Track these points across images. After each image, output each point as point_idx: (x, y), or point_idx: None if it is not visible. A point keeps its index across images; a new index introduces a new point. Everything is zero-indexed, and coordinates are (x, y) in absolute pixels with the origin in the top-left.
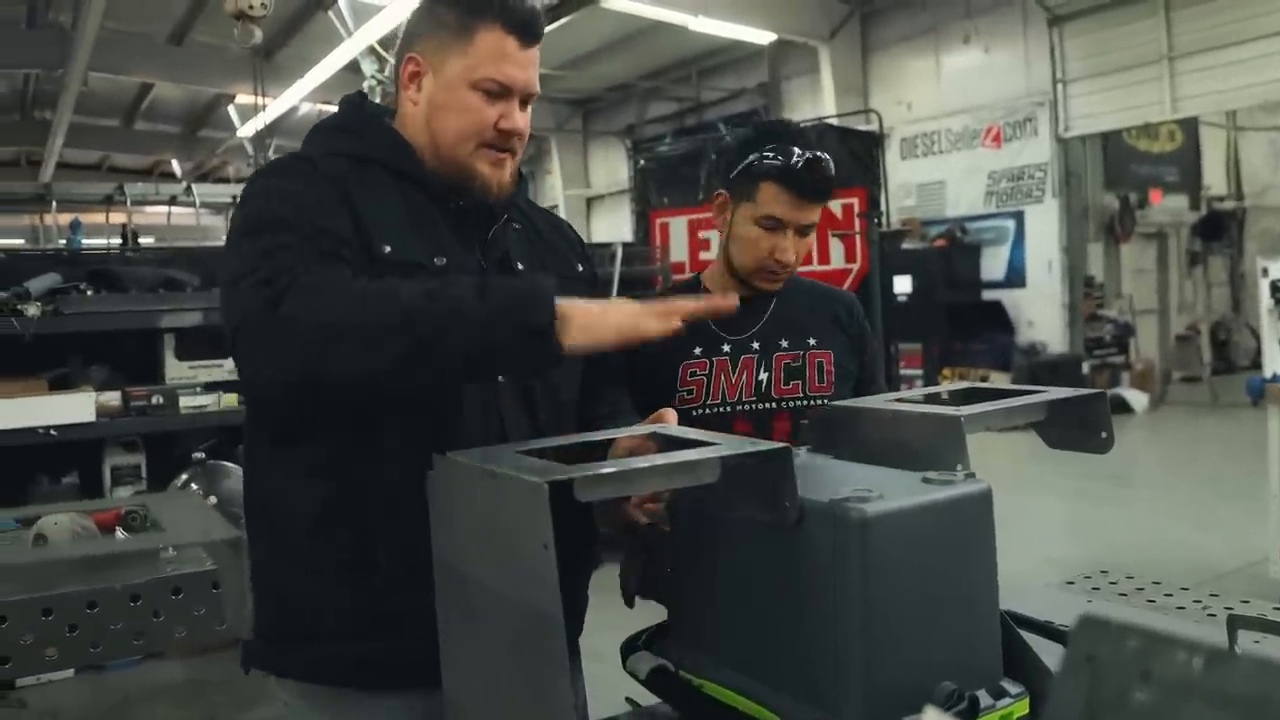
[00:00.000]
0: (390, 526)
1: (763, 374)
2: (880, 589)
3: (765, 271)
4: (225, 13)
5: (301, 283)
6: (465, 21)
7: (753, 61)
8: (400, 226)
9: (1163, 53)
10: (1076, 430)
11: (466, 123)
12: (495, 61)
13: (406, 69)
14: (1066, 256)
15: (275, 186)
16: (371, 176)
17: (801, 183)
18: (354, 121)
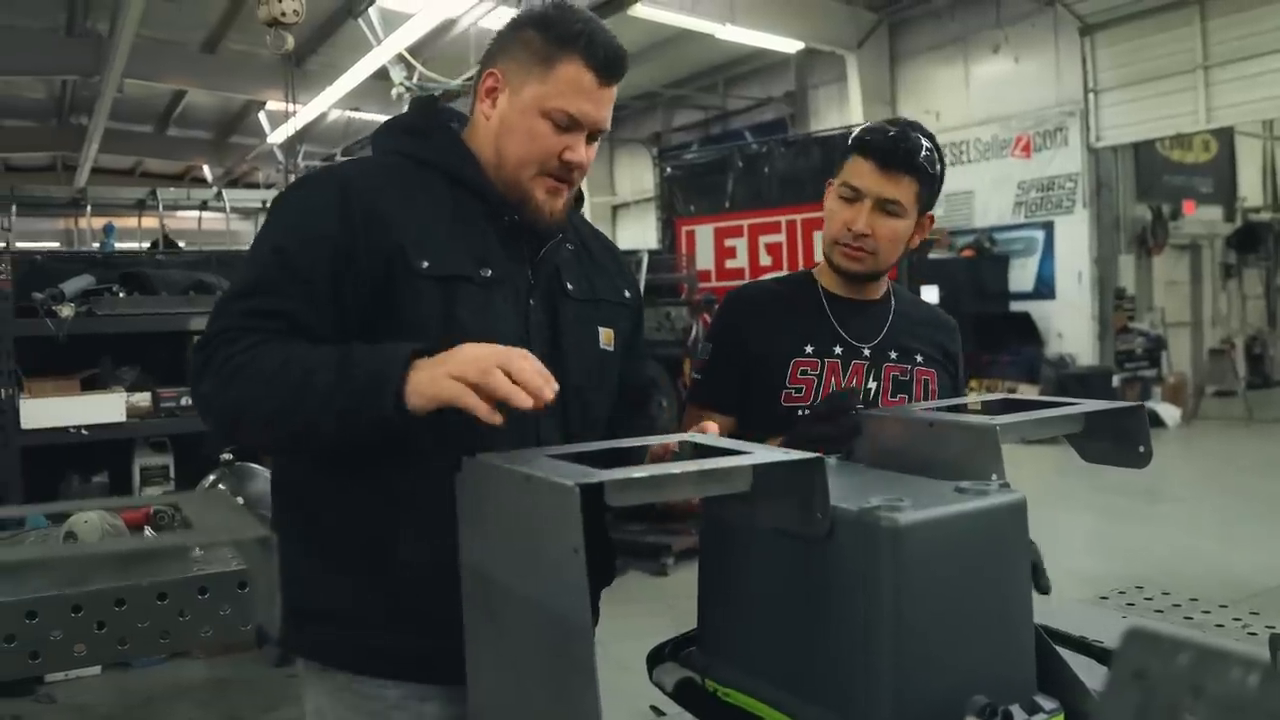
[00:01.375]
0: (417, 527)
1: (871, 383)
2: (912, 600)
3: (841, 246)
4: (258, 20)
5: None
6: (550, 50)
7: (779, 70)
8: (444, 237)
9: (1197, 62)
10: (1113, 444)
11: (531, 149)
12: (571, 95)
13: (485, 83)
14: (1097, 268)
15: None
16: (425, 179)
17: (880, 151)
18: (422, 124)
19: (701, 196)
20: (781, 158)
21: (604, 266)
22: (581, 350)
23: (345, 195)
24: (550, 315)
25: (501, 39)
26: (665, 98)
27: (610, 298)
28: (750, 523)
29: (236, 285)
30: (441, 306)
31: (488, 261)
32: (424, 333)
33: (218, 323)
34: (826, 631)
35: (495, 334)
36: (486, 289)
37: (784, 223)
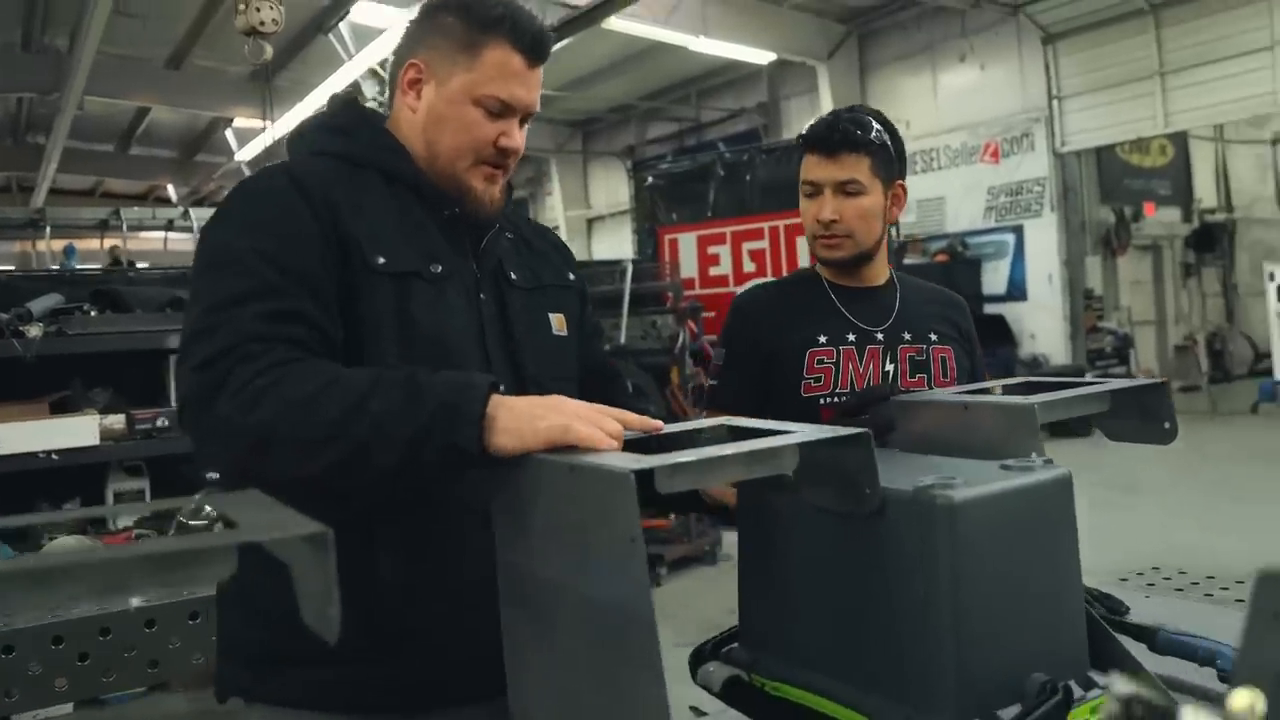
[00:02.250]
0: (395, 544)
1: (889, 365)
2: (969, 578)
3: (819, 240)
4: (236, 28)
5: (237, 376)
6: (473, 36)
7: (751, 82)
8: (393, 234)
9: (1154, 69)
10: (1138, 421)
11: (466, 138)
12: (501, 79)
13: (406, 74)
14: (1066, 270)
15: (246, 214)
16: (362, 180)
17: (821, 140)
18: (345, 121)
19: (683, 205)
20: (763, 165)
21: (543, 253)
22: (536, 340)
23: (304, 189)
24: (500, 307)
25: (418, 27)
26: (639, 110)
27: (555, 282)
28: (794, 507)
29: (223, 295)
30: (395, 303)
31: (436, 257)
32: (379, 331)
33: (223, 333)
34: (881, 615)
35: (450, 330)
36: (438, 284)
37: (767, 229)
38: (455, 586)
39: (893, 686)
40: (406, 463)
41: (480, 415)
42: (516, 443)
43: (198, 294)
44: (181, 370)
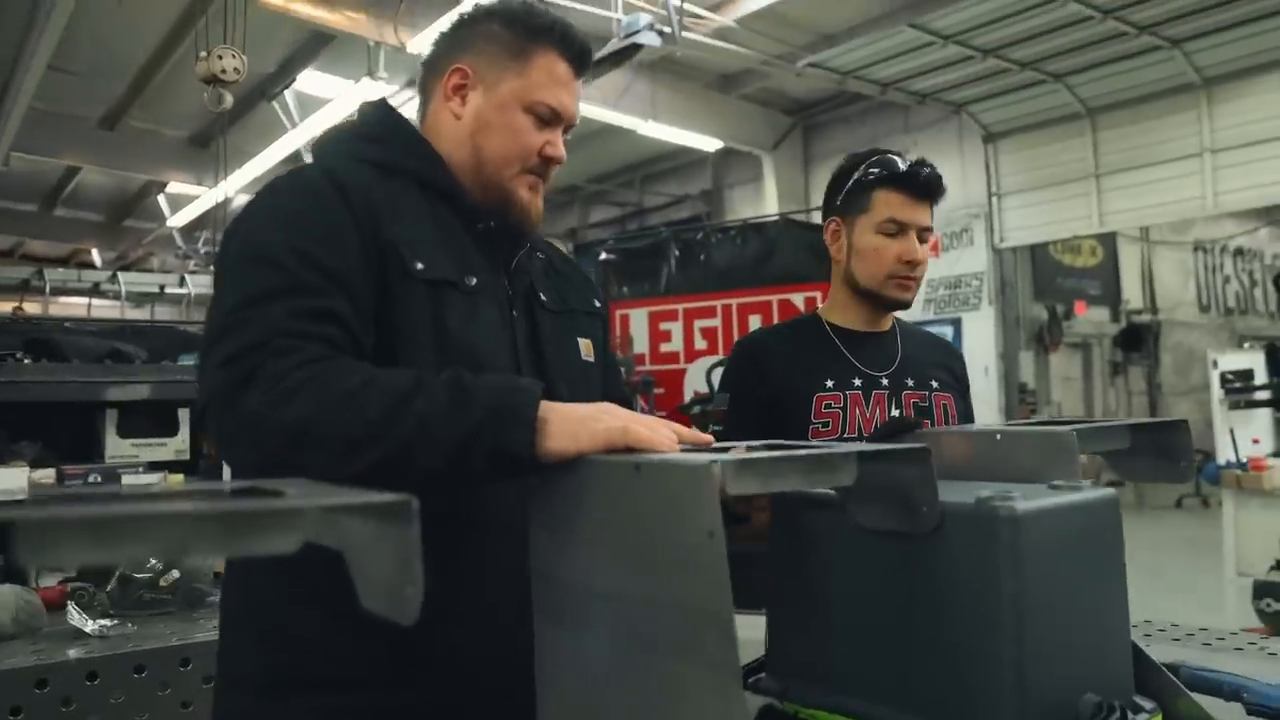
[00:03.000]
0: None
1: (894, 410)
2: (1030, 594)
3: (897, 279)
4: (196, 76)
5: (269, 371)
6: (523, 43)
7: (696, 169)
8: (431, 242)
9: (1090, 170)
10: (1154, 459)
11: (515, 144)
12: (551, 86)
13: (450, 80)
14: (1003, 363)
15: (281, 208)
16: (398, 186)
17: (914, 181)
18: (379, 128)
19: (636, 281)
20: (718, 244)
21: (569, 277)
22: (566, 364)
23: (343, 189)
24: (531, 327)
25: (460, 35)
26: (585, 192)
27: (582, 308)
28: (836, 527)
29: (255, 289)
30: (431, 312)
31: (471, 269)
32: (414, 341)
33: (255, 328)
34: (933, 637)
35: (484, 346)
36: (472, 297)
37: (719, 307)
38: (484, 608)
39: (946, 709)
40: (452, 466)
41: (533, 417)
42: (571, 445)
43: (226, 289)
44: (205, 366)
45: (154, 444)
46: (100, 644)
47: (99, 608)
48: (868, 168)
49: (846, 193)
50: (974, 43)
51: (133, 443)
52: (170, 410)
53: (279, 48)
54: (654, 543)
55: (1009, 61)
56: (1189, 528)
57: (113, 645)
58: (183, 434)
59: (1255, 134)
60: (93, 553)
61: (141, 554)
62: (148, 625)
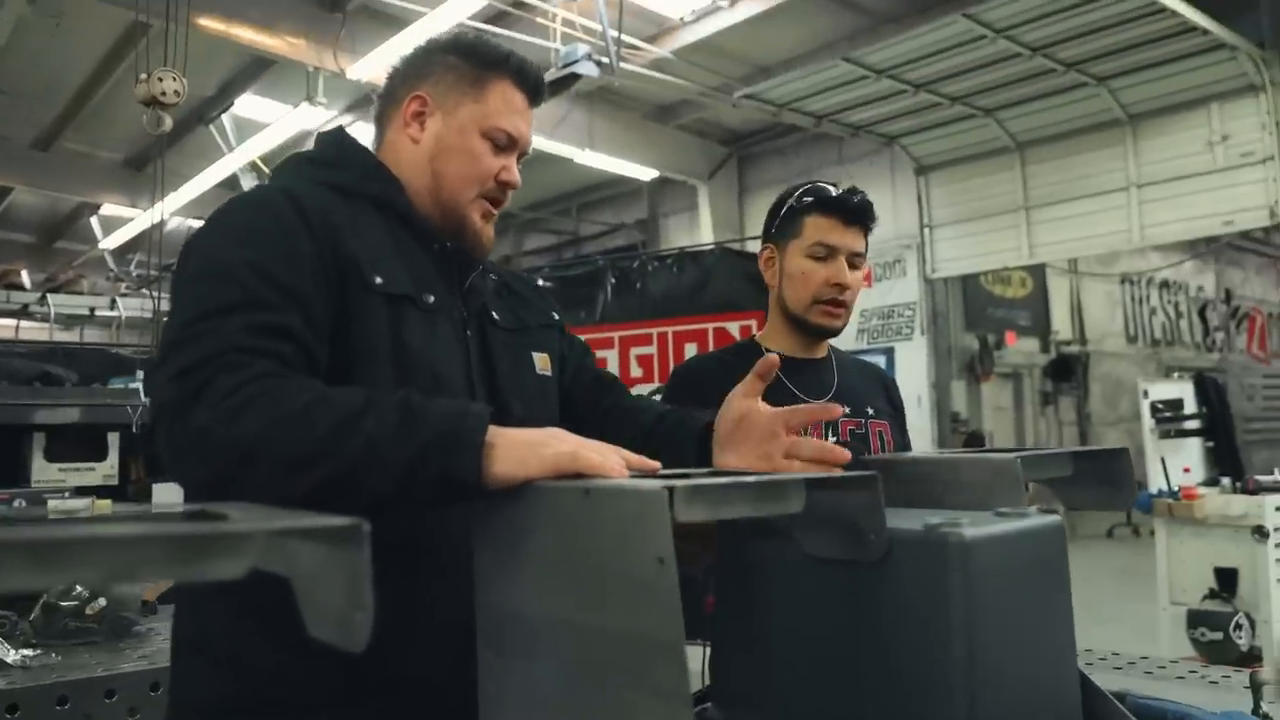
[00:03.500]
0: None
1: (830, 438)
2: (980, 621)
3: (825, 303)
4: (135, 98)
5: (220, 386)
6: (479, 72)
7: (632, 198)
8: (390, 259)
9: (1019, 203)
10: (1097, 486)
11: (473, 168)
12: (507, 113)
13: (409, 106)
14: (935, 392)
15: (239, 225)
16: (357, 209)
17: (844, 206)
18: (336, 155)
19: (572, 309)
20: (654, 273)
21: (524, 297)
22: (520, 381)
23: (302, 208)
24: (484, 346)
25: (418, 63)
26: (521, 220)
27: (537, 322)
28: (783, 555)
29: (209, 303)
30: (390, 329)
31: (428, 287)
32: (373, 357)
33: (207, 342)
34: (882, 666)
35: (441, 363)
36: (430, 315)
37: (655, 335)
38: (436, 631)
39: None
40: (400, 488)
41: (480, 443)
42: (519, 470)
43: (181, 303)
44: (158, 380)
45: (82, 468)
46: (22, 674)
47: (21, 637)
48: (801, 194)
49: (780, 219)
50: (906, 77)
51: (60, 467)
52: (99, 434)
53: (218, 71)
54: (603, 569)
55: (940, 96)
56: (1121, 557)
57: (35, 676)
58: (111, 458)
59: (1179, 169)
60: (33, 576)
61: (84, 578)
62: (72, 655)
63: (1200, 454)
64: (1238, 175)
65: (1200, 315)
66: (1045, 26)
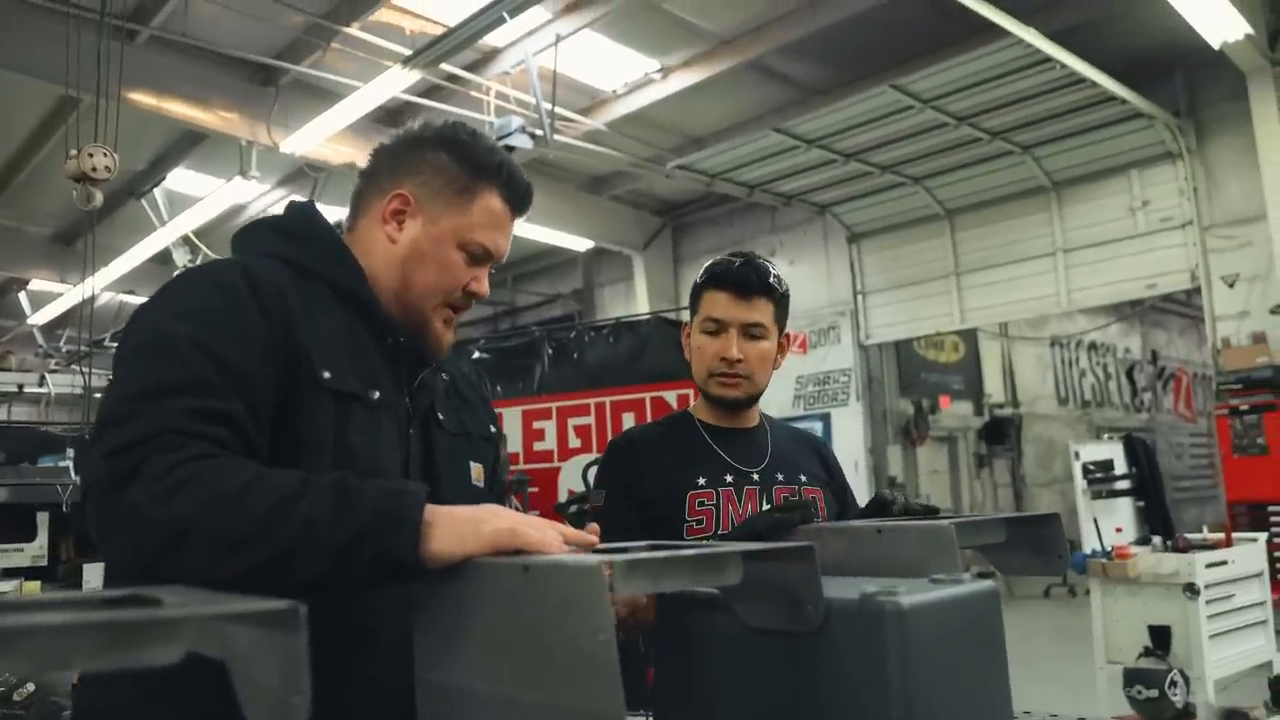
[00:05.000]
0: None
1: (765, 505)
2: (918, 690)
3: (717, 377)
4: (65, 174)
5: (153, 466)
6: (468, 180)
7: (568, 268)
8: (339, 351)
9: (950, 269)
10: (1030, 552)
11: (445, 278)
12: (490, 228)
13: (389, 203)
14: (871, 457)
15: (191, 300)
16: (313, 290)
17: (734, 280)
18: (302, 229)
19: (509, 380)
20: (590, 343)
21: (470, 401)
22: (456, 485)
23: (258, 287)
24: (426, 447)
25: (407, 157)
26: None
27: (478, 432)
28: (721, 627)
29: (151, 382)
30: (334, 424)
31: (376, 383)
32: (318, 452)
33: (142, 422)
34: None
35: (381, 461)
36: (375, 412)
37: (593, 405)
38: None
39: None
40: (336, 569)
41: (418, 521)
42: (457, 548)
43: (122, 377)
44: (91, 454)
45: (10, 549)
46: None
47: None
48: (702, 271)
49: (691, 301)
50: (836, 147)
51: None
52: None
53: (150, 145)
54: (544, 645)
55: (870, 165)
56: (1058, 617)
57: None
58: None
59: (1102, 234)
60: None
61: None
62: None
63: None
64: (1158, 240)
65: (1128, 376)
66: (970, 97)
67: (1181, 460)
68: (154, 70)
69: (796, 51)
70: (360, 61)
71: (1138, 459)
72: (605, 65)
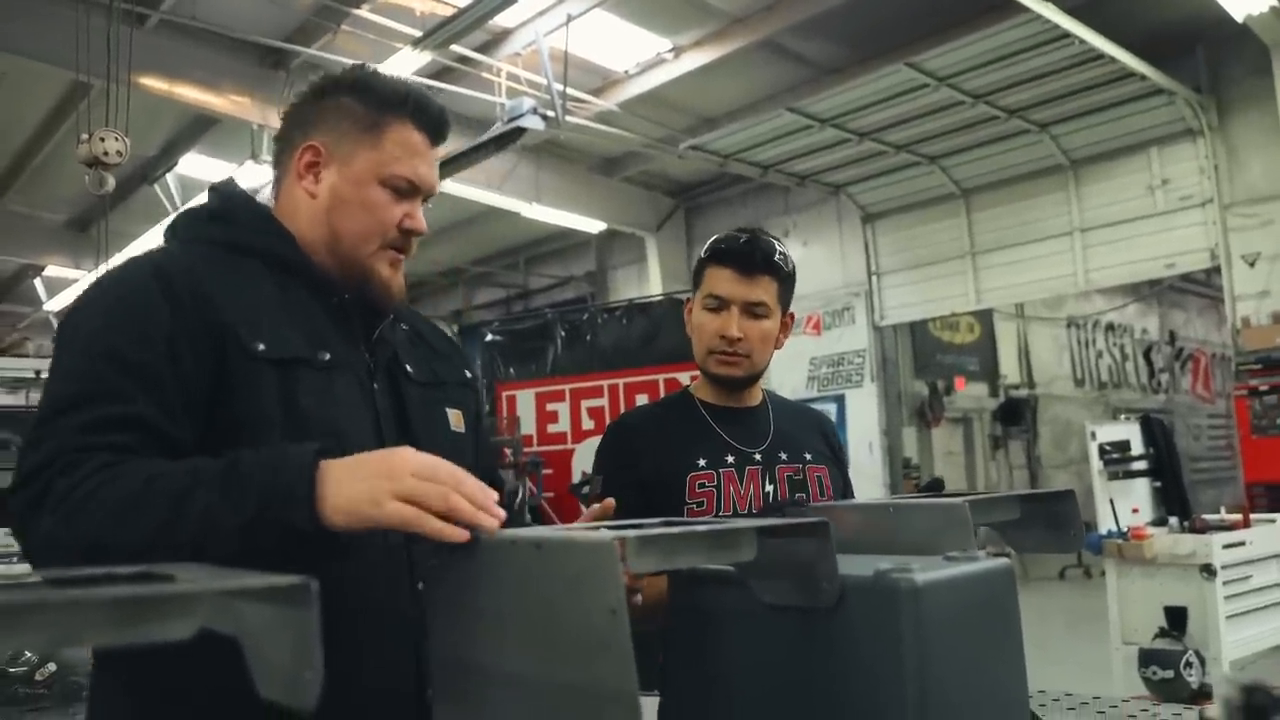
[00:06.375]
0: None
1: (768, 486)
2: (932, 667)
3: (716, 354)
4: (78, 158)
5: (57, 490)
6: (376, 115)
7: (581, 250)
8: (276, 319)
9: (966, 249)
10: (1045, 530)
11: (373, 221)
12: (407, 158)
13: (302, 158)
14: (886, 438)
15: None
16: (245, 267)
17: (738, 257)
18: (227, 207)
19: (522, 362)
20: (603, 325)
21: (441, 352)
22: (434, 436)
23: (166, 280)
24: (396, 400)
25: (311, 110)
26: (469, 274)
27: (453, 379)
28: (735, 605)
29: (57, 400)
30: (281, 394)
31: (324, 344)
32: (267, 425)
33: (46, 446)
34: (833, 710)
35: (345, 422)
36: (327, 373)
37: (606, 386)
38: (357, 698)
39: None
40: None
41: (308, 494)
42: (356, 523)
43: (42, 395)
44: (18, 467)
45: None
46: None
47: None
48: (707, 246)
49: (694, 272)
50: (850, 126)
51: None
52: None
53: (162, 130)
54: (557, 622)
55: (884, 144)
56: (1073, 598)
57: None
58: None
59: (1120, 213)
60: None
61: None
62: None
63: (1148, 494)
64: (1178, 219)
65: (1145, 357)
66: (986, 74)
67: (1199, 441)
68: (164, 54)
69: (810, 29)
70: (371, 44)
71: (1155, 440)
72: (617, 45)
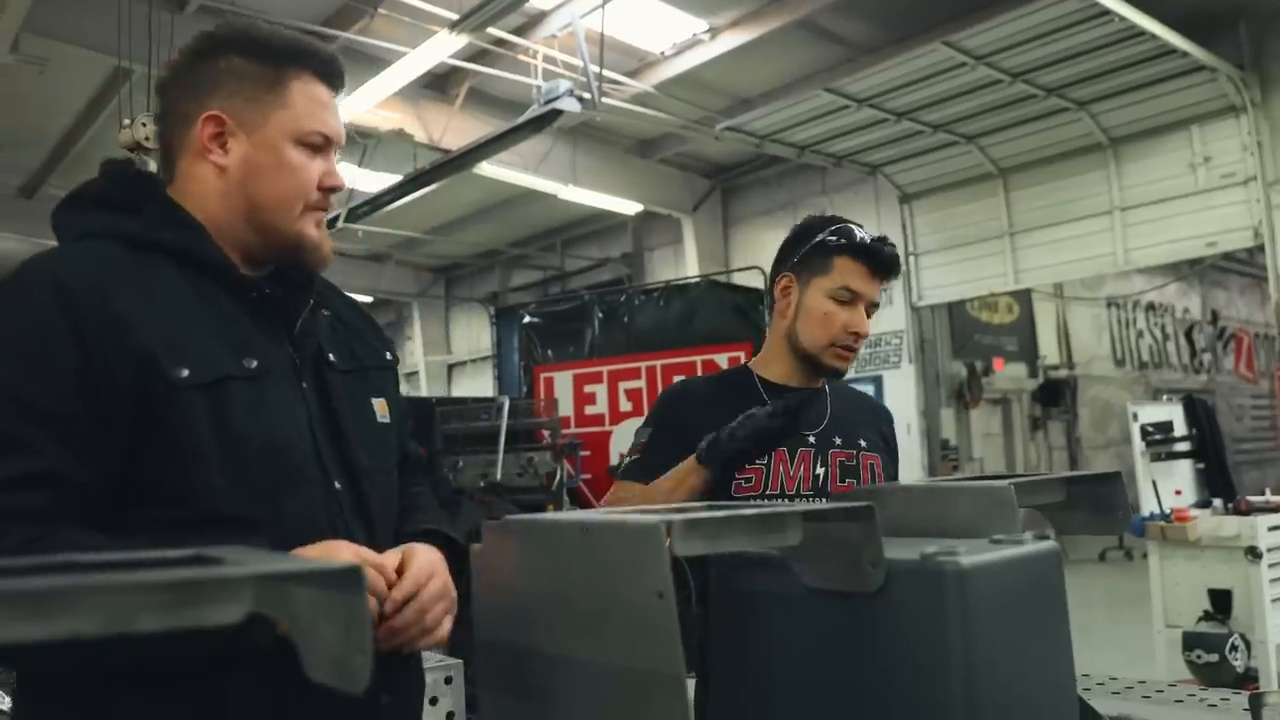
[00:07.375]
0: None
1: (819, 469)
2: (979, 650)
3: (838, 347)
4: (119, 144)
5: None
6: (276, 73)
7: (617, 232)
8: (195, 334)
9: (1004, 229)
10: (1091, 511)
11: (294, 183)
12: (318, 111)
13: (204, 130)
14: (924, 420)
15: None
16: (148, 267)
17: (877, 256)
18: (125, 194)
19: (559, 344)
20: (640, 307)
21: (359, 331)
22: (363, 429)
23: (68, 301)
24: (323, 396)
25: (200, 77)
26: (505, 257)
27: (374, 364)
28: (778, 590)
29: None
30: (213, 420)
31: (249, 349)
32: (199, 455)
33: None
34: (880, 695)
35: (281, 430)
36: (257, 382)
37: (644, 369)
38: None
39: None
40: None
41: None
42: None
43: None
44: None
45: None
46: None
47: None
48: (834, 233)
49: (806, 252)
50: (887, 106)
51: None
52: None
53: None
54: (602, 605)
55: (921, 124)
56: (1114, 581)
57: None
58: None
59: (1161, 192)
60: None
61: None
62: None
63: (1191, 476)
64: (1220, 197)
65: (1187, 337)
66: (1024, 53)
67: (1242, 422)
68: None
69: (846, 9)
70: (407, 27)
71: (1198, 420)
72: (653, 26)
